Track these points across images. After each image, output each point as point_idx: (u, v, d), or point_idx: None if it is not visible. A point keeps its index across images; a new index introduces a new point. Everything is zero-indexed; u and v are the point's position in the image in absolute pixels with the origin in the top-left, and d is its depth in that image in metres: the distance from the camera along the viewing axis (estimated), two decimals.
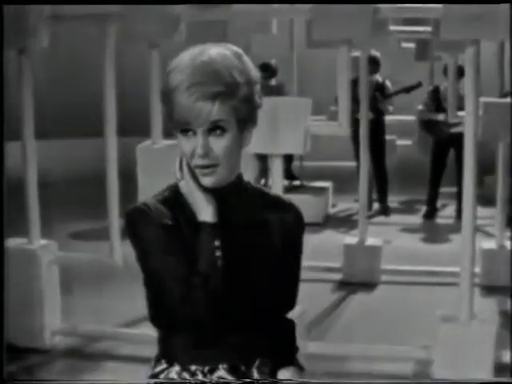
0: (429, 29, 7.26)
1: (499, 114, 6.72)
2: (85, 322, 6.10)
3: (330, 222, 9.94)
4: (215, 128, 2.06)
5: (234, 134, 2.09)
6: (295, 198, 8.12)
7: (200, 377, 2.15)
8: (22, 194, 6.02)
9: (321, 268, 7.58)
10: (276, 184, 5.47)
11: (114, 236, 5.77)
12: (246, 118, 2.11)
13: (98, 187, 6.27)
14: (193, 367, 2.16)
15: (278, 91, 9.88)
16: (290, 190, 10.06)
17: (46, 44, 5.75)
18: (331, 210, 10.48)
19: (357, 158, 8.64)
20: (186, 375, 2.17)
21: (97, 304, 6.67)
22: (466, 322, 5.39)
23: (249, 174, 6.91)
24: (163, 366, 2.20)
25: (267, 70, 10.25)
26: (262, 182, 9.96)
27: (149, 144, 5.93)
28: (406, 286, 7.45)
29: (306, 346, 5.44)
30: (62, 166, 11.86)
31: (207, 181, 2.11)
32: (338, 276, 7.60)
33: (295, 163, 10.96)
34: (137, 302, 2.83)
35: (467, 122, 5.33)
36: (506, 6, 4.98)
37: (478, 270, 7.25)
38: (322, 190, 10.34)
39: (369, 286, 7.40)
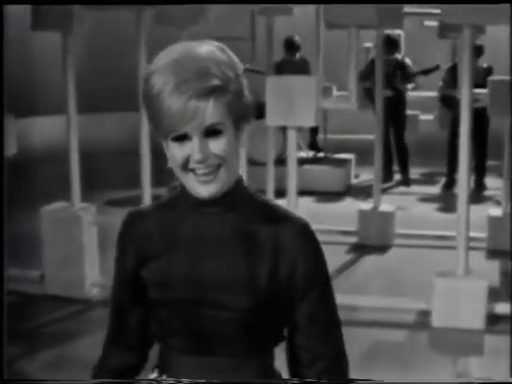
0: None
1: (505, 90, 7.16)
2: None
3: (352, 191, 10.48)
4: (212, 130, 1.81)
5: (232, 133, 1.85)
6: (318, 169, 8.99)
7: None
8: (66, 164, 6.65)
9: (337, 231, 8.17)
10: (291, 154, 6.08)
11: (146, 203, 6.41)
12: (240, 116, 1.86)
13: (134, 159, 6.81)
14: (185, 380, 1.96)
15: (301, 67, 10.25)
16: (313, 161, 10.67)
17: (87, 26, 6.33)
18: (354, 181, 10.98)
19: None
20: None
21: None
22: (461, 277, 5.97)
23: (272, 149, 7.54)
24: (155, 374, 2.03)
25: (291, 45, 10.60)
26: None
27: None
28: (417, 249, 7.90)
29: None
30: (103, 138, 12.49)
31: (204, 190, 1.85)
32: (353, 239, 8.14)
33: (320, 136, 11.46)
34: None
35: (462, 103, 5.88)
36: None
37: (485, 235, 7.83)
38: (345, 161, 10.86)
39: (382, 248, 7.89)
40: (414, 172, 11.08)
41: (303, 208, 7.37)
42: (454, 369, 5.40)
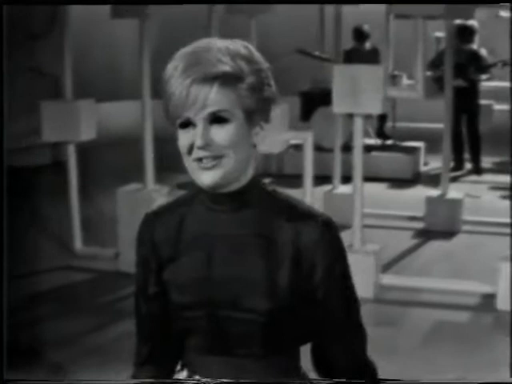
0: None
1: None
2: None
3: (421, 178, 10.51)
4: (217, 117, 1.77)
5: (240, 125, 1.80)
6: (386, 156, 9.16)
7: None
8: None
9: (404, 217, 8.30)
10: (357, 141, 6.26)
11: None
12: (254, 109, 1.81)
13: None
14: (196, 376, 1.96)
15: (371, 56, 10.30)
16: (382, 148, 10.78)
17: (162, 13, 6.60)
18: (423, 168, 11.01)
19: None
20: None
21: None
22: None
23: (339, 135, 7.70)
24: (184, 373, 2.00)
25: (360, 34, 10.66)
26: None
27: None
28: (485, 236, 7.93)
29: (380, 278, 6.28)
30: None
31: (208, 177, 1.80)
32: (420, 225, 8.21)
33: (388, 124, 11.44)
34: None
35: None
36: None
37: None
38: (414, 149, 10.90)
39: (449, 234, 7.95)
40: (487, 161, 11.07)
41: (370, 194, 7.53)
42: None
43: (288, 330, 1.86)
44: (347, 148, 7.92)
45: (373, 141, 10.92)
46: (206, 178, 1.79)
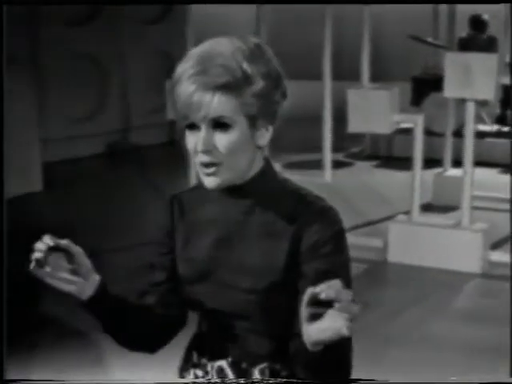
0: None
1: None
2: None
3: None
4: (219, 123, 1.82)
5: (243, 130, 1.84)
6: (501, 142, 9.12)
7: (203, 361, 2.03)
8: None
9: None
10: (468, 126, 6.37)
11: (326, 164, 6.96)
12: (258, 115, 1.85)
13: (316, 125, 7.20)
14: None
15: (488, 45, 10.22)
16: (496, 134, 10.71)
17: None
18: None
19: None
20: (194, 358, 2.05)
21: None
22: None
23: (451, 120, 7.78)
24: (194, 356, 2.07)
25: (477, 23, 10.59)
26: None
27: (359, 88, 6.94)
28: None
29: (488, 255, 6.41)
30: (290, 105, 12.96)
31: (210, 181, 1.87)
32: None
33: (507, 112, 11.35)
34: None
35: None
36: None
37: None
38: None
39: None
40: None
41: (481, 178, 7.61)
42: None
43: (283, 308, 1.89)
44: (459, 133, 8.02)
45: (488, 127, 10.89)
46: (208, 182, 1.87)
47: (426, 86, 10.29)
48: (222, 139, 1.82)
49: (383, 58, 11.05)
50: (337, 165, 8.53)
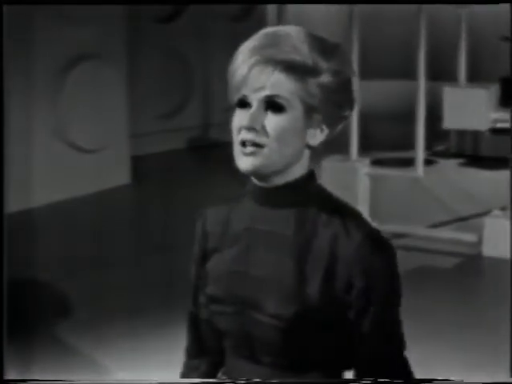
0: None
1: None
2: None
3: None
4: (273, 102, 1.67)
5: (297, 118, 1.68)
6: None
7: None
8: None
9: None
10: None
11: (418, 160, 6.94)
12: (317, 108, 1.70)
13: (407, 123, 7.22)
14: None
15: None
16: None
17: None
18: None
19: None
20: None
21: None
22: None
23: None
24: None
25: None
26: None
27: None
28: None
29: None
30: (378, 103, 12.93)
31: (246, 162, 1.68)
32: None
33: None
34: None
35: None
36: None
37: None
38: None
39: None
40: None
41: None
42: None
43: (313, 343, 1.71)
44: None
45: None
46: (242, 162, 1.69)
47: None
48: (272, 120, 1.67)
49: (477, 59, 10.93)
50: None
